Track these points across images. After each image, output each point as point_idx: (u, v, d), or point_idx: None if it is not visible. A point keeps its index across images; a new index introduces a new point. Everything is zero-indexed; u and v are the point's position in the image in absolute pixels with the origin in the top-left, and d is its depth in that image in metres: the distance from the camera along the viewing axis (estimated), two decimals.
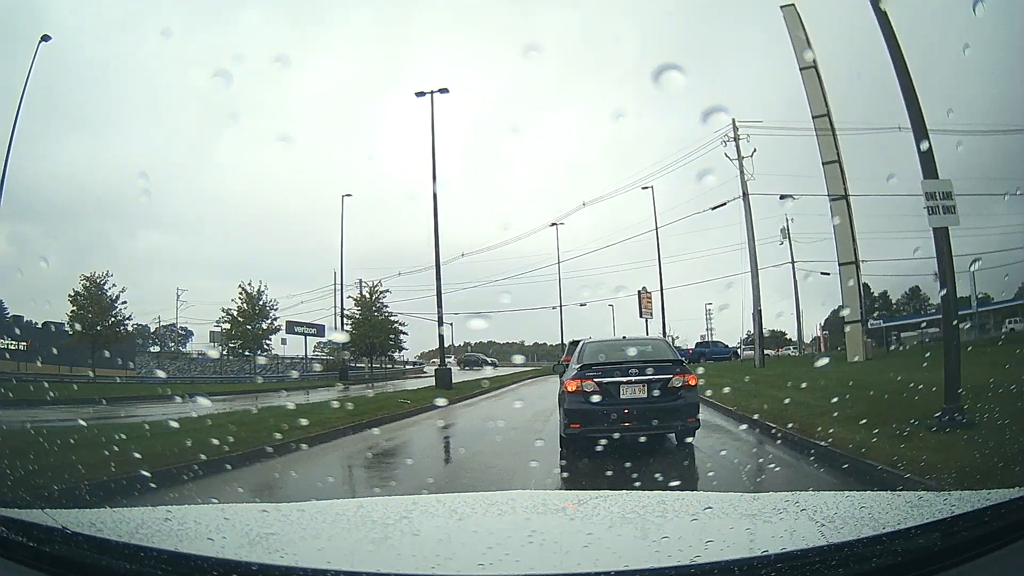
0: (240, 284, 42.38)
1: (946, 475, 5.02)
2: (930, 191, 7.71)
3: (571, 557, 1.54)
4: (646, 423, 7.74)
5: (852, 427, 7.16)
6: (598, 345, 9.61)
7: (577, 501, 2.13)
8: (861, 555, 1.24)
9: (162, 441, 7.47)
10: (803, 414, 8.96)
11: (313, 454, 9.17)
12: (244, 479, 7.22)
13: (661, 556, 1.45)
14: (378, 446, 10.30)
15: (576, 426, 7.92)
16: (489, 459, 8.57)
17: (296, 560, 1.42)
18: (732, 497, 2.11)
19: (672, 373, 8.01)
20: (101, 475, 6.06)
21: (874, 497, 1.90)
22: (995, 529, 1.32)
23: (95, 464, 6.29)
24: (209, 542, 1.56)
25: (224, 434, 8.34)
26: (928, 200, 7.72)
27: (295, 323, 46.45)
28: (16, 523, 1.44)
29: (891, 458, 5.87)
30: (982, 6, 7.18)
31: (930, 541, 1.29)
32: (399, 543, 1.72)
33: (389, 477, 8.09)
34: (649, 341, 10.48)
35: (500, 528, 1.90)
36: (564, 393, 8.33)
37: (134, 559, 1.32)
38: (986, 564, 1.28)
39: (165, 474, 6.50)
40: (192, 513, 1.91)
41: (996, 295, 34.00)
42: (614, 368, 8.17)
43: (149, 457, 6.95)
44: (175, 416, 11.00)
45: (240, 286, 42.09)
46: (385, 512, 2.02)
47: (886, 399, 8.55)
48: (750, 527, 1.74)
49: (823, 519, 1.62)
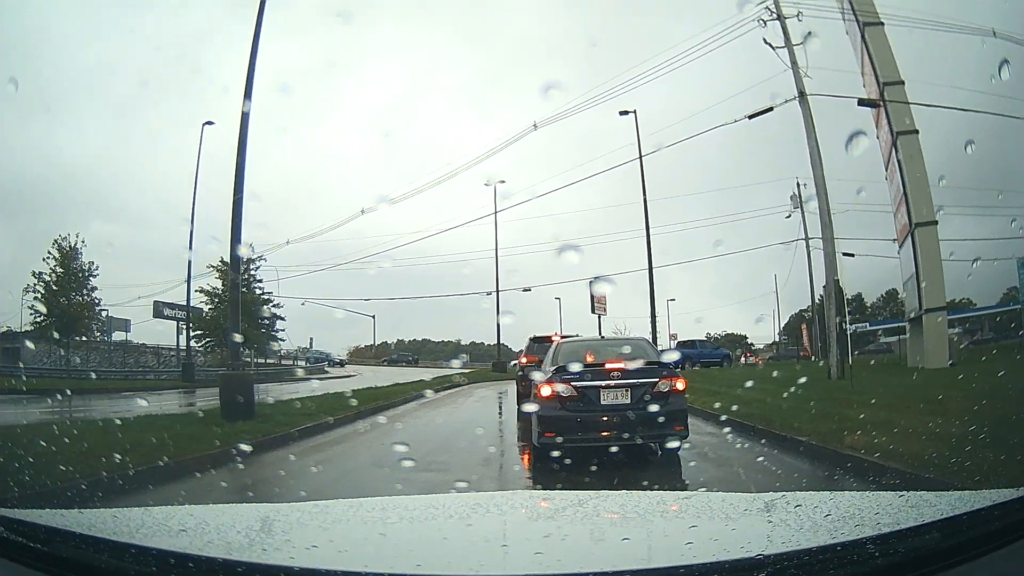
0: (56, 239, 30.25)
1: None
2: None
3: (571, 557, 1.54)
4: (630, 432, 7.14)
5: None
6: (574, 345, 9.05)
7: (577, 501, 2.13)
8: (860, 555, 1.24)
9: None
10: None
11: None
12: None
13: (660, 556, 1.45)
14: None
15: (551, 435, 7.24)
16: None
17: (295, 560, 1.42)
18: (730, 497, 2.11)
19: (658, 377, 7.49)
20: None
21: (873, 497, 1.90)
22: (995, 529, 1.32)
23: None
24: (209, 542, 1.56)
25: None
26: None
27: (165, 304, 36.43)
28: (16, 523, 1.44)
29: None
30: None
31: (930, 541, 1.29)
32: (399, 543, 1.72)
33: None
34: (629, 341, 9.74)
35: (497, 528, 1.90)
36: (536, 398, 7.73)
37: (134, 559, 1.32)
38: (986, 564, 1.28)
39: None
40: (192, 513, 1.91)
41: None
42: (594, 371, 7.57)
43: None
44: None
45: (56, 242, 30.20)
46: (384, 512, 2.03)
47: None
48: (749, 527, 1.74)
49: (822, 519, 1.62)
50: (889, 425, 7.26)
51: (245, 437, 8.90)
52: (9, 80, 17.96)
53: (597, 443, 7.16)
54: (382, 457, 8.60)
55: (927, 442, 6.19)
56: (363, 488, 6.50)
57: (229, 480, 7.35)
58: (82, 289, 30.71)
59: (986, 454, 5.39)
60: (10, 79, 18.04)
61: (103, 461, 6.32)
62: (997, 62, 17.02)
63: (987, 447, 5.57)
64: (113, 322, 36.84)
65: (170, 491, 6.23)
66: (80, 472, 5.95)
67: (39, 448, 6.56)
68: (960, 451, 5.58)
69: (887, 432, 6.85)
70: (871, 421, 7.70)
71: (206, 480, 7.09)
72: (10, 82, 15.37)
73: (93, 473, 6.05)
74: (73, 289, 30.20)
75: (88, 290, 31.12)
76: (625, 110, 28.52)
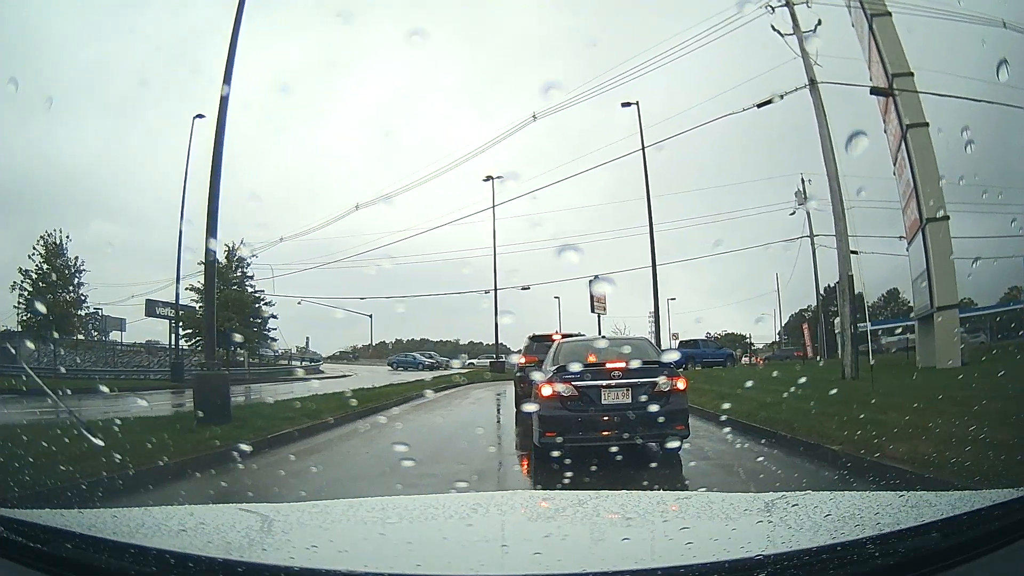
0: (43, 235, 29.41)
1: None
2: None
3: (571, 557, 1.54)
4: (631, 432, 7.16)
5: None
6: (576, 344, 9.07)
7: (577, 501, 2.13)
8: (860, 555, 1.24)
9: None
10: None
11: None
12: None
13: (660, 556, 1.45)
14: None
15: (552, 434, 7.25)
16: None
17: (295, 560, 1.42)
18: (730, 497, 2.11)
19: (659, 376, 7.48)
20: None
21: (873, 497, 1.90)
22: (995, 529, 1.32)
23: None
24: (209, 542, 1.56)
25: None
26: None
27: (157, 302, 35.10)
28: (16, 523, 1.44)
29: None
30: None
31: (930, 541, 1.29)
32: (398, 543, 1.72)
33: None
34: (630, 341, 9.69)
35: (497, 528, 1.90)
36: (537, 398, 7.71)
37: (134, 559, 1.32)
38: (986, 564, 1.28)
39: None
40: (192, 513, 1.91)
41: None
42: (594, 371, 7.57)
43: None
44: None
45: (42, 237, 29.38)
46: (384, 512, 2.03)
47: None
48: (749, 527, 1.74)
49: (822, 519, 1.62)
50: (929, 431, 6.67)
51: (214, 445, 7.97)
52: (9, 80, 17.97)
53: (598, 443, 7.13)
54: (363, 471, 7.73)
55: (978, 450, 5.55)
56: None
57: (190, 496, 6.23)
58: (68, 286, 29.71)
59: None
60: (10, 79, 18.06)
61: (60, 470, 5.64)
62: (1005, 54, 16.95)
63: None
64: (108, 321, 36.22)
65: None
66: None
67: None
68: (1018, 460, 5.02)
69: (931, 439, 6.29)
70: (906, 426, 7.12)
71: (160, 495, 6.09)
72: (10, 82, 15.34)
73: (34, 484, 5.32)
74: (59, 286, 29.23)
75: (74, 287, 30.16)
76: (627, 101, 28.04)
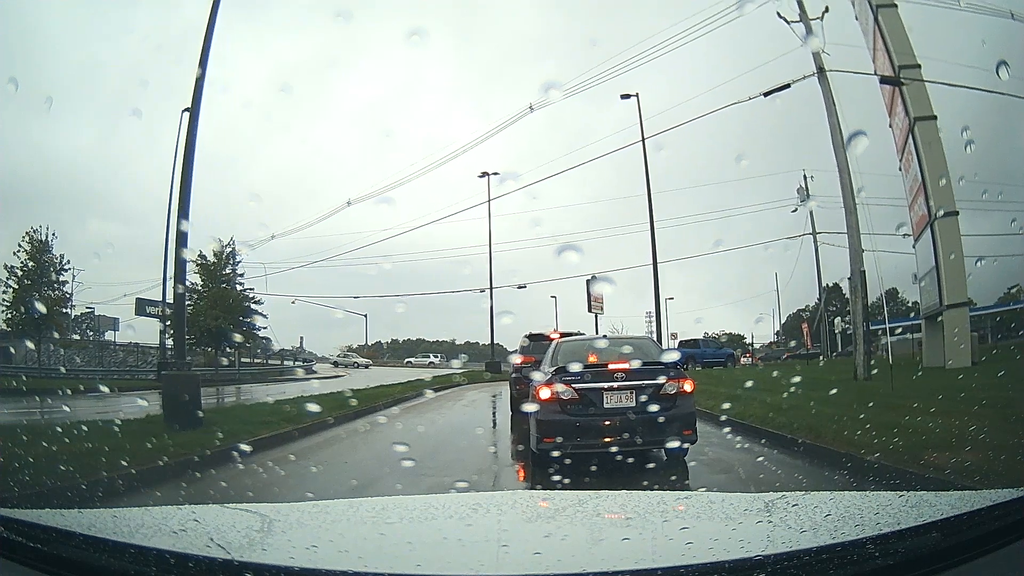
0: (28, 231, 28.17)
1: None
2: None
3: (570, 557, 1.54)
4: (634, 436, 6.73)
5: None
6: (575, 344, 8.64)
7: (577, 501, 2.13)
8: (860, 555, 1.24)
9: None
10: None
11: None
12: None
13: (660, 556, 1.45)
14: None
15: (550, 440, 6.85)
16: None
17: (295, 560, 1.42)
18: (730, 497, 2.11)
19: (664, 378, 7.06)
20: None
21: (873, 497, 1.90)
22: (995, 529, 1.32)
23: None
24: (209, 542, 1.56)
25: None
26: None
27: (147, 301, 34.11)
28: (16, 523, 1.44)
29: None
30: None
31: (930, 541, 1.28)
32: (398, 543, 1.72)
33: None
34: (633, 340, 9.07)
35: (497, 528, 1.90)
36: (535, 401, 7.29)
37: (134, 559, 1.32)
38: (986, 564, 1.28)
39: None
40: (192, 513, 1.91)
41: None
42: (596, 372, 7.17)
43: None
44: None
45: (27, 234, 28.11)
46: (384, 512, 2.03)
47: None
48: (749, 527, 1.74)
49: (822, 519, 1.62)
50: (967, 438, 6.11)
51: (178, 452, 7.38)
52: (9, 80, 17.96)
53: (600, 449, 6.72)
54: (338, 487, 6.66)
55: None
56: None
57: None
58: (52, 283, 28.83)
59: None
60: (10, 79, 18.04)
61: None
62: (1012, 46, 16.75)
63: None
64: (101, 320, 35.86)
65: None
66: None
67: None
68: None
69: (975, 447, 5.71)
70: (941, 432, 6.56)
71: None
72: (10, 82, 15.33)
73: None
74: (43, 283, 28.30)
75: (59, 284, 29.33)
76: (627, 93, 27.98)
